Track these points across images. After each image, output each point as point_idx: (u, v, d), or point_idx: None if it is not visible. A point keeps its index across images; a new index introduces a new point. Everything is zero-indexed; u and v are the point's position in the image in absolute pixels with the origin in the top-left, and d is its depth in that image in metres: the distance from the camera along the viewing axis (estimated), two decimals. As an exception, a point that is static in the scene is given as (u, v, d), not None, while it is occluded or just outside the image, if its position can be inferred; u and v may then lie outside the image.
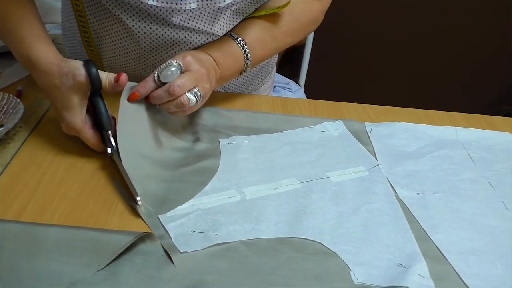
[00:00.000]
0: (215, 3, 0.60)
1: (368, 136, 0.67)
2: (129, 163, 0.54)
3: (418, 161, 0.62)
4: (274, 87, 1.47)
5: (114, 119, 0.58)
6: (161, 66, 0.56)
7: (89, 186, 0.54)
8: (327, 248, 0.48)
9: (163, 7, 0.59)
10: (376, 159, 0.62)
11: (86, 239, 0.44)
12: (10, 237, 0.44)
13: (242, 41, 0.64)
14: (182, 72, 0.56)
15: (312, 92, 1.58)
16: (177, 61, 0.56)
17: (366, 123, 0.70)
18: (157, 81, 0.55)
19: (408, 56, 1.80)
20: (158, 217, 0.50)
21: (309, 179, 0.57)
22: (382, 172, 0.60)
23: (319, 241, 0.49)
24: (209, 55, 0.61)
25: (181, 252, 0.46)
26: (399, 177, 0.59)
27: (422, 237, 0.51)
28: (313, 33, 1.51)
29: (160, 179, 0.55)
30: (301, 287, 0.43)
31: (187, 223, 0.49)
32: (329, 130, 0.68)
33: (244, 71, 0.66)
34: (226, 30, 0.66)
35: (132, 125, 0.56)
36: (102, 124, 0.56)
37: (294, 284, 0.44)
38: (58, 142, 0.60)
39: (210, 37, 0.66)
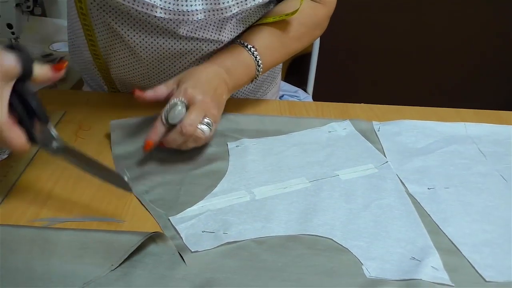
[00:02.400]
0: (222, 13, 0.61)
1: (376, 135, 0.67)
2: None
3: (427, 157, 0.62)
4: (282, 96, 1.47)
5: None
6: (166, 107, 0.56)
7: (100, 192, 0.54)
8: (338, 244, 0.48)
9: (170, 19, 0.61)
10: (385, 156, 0.62)
11: (98, 240, 0.45)
12: (24, 241, 0.45)
13: (252, 48, 0.65)
14: (187, 107, 0.56)
15: (320, 99, 1.58)
16: (179, 98, 0.56)
17: (374, 122, 0.70)
18: (165, 124, 0.55)
19: (416, 59, 1.80)
20: (169, 219, 0.50)
21: (318, 178, 0.58)
22: (392, 168, 0.60)
23: (330, 237, 0.48)
24: (219, 65, 0.62)
25: (192, 252, 0.46)
26: (408, 173, 0.59)
27: (434, 230, 0.50)
28: (319, 40, 1.52)
29: (169, 183, 0.56)
30: (313, 282, 0.43)
31: (198, 223, 0.50)
32: (336, 130, 0.68)
33: (256, 78, 0.67)
34: (232, 36, 0.68)
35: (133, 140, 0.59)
36: (39, 116, 0.46)
37: (306, 279, 0.44)
38: (70, 151, 0.61)
39: (217, 44, 0.67)
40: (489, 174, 0.59)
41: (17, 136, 0.45)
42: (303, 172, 0.59)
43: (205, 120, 0.56)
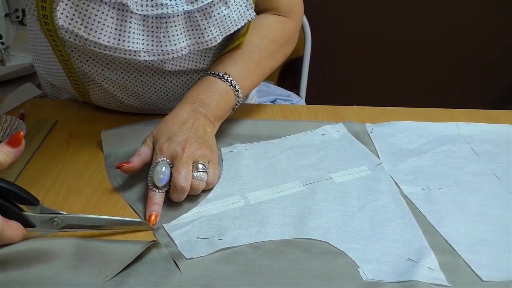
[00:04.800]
0: (207, 45, 0.60)
1: (370, 137, 0.67)
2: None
3: (420, 157, 0.62)
4: (275, 100, 1.48)
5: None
6: (149, 174, 0.52)
7: (92, 201, 0.54)
8: (334, 247, 0.47)
9: (155, 60, 0.59)
10: (379, 158, 0.62)
11: (93, 250, 0.44)
12: (16, 252, 0.44)
13: (225, 75, 0.61)
14: (171, 165, 0.52)
15: (313, 102, 1.59)
16: (160, 159, 0.52)
17: (367, 124, 0.70)
18: (157, 190, 0.52)
19: (406, 60, 1.81)
20: (162, 226, 0.50)
21: (312, 181, 0.57)
22: (385, 170, 0.59)
23: (325, 241, 0.48)
24: (191, 102, 0.59)
25: (187, 259, 0.45)
26: (402, 174, 0.59)
27: (429, 231, 0.50)
28: (310, 43, 1.52)
29: None
30: (309, 286, 0.43)
31: (192, 230, 0.49)
32: (330, 133, 0.68)
33: (237, 104, 0.63)
34: None
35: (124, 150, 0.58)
36: (28, 201, 0.45)
37: (302, 283, 0.43)
38: (61, 162, 0.61)
39: (203, 73, 0.66)
40: (482, 173, 0.59)
41: (16, 231, 0.45)
42: (297, 175, 0.58)
43: (198, 165, 0.53)
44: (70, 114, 0.72)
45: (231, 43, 0.66)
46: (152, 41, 0.57)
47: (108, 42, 0.55)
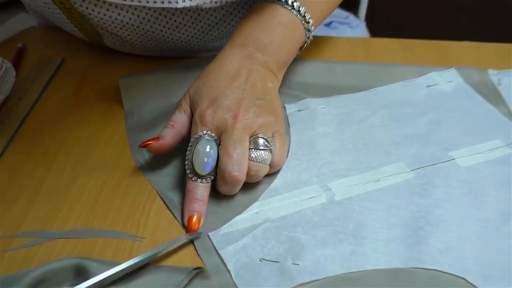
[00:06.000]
0: None
1: (498, 91, 0.47)
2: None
3: None
4: (331, 23, 1.24)
5: None
6: (187, 156, 0.35)
7: (110, 184, 0.38)
8: (475, 287, 0.30)
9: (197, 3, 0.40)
10: (518, 126, 0.42)
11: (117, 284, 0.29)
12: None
13: (289, 0, 0.41)
14: (217, 141, 0.36)
15: (376, 27, 1.33)
16: (202, 133, 0.35)
17: (490, 71, 0.49)
18: (199, 180, 0.35)
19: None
20: (208, 236, 0.34)
21: (424, 163, 0.39)
22: (533, 148, 0.40)
23: (460, 276, 0.31)
24: (243, 45, 0.40)
25: (247, 301, 0.30)
26: (560, 156, 0.39)
27: None
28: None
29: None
30: None
31: (252, 244, 0.33)
32: (438, 84, 0.48)
33: (307, 41, 0.43)
34: None
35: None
36: None
37: None
38: (68, 121, 0.44)
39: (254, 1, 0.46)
40: None
41: None
42: (400, 152, 0.40)
43: (258, 140, 0.36)
44: (80, 53, 0.54)
45: None
46: None
47: None
